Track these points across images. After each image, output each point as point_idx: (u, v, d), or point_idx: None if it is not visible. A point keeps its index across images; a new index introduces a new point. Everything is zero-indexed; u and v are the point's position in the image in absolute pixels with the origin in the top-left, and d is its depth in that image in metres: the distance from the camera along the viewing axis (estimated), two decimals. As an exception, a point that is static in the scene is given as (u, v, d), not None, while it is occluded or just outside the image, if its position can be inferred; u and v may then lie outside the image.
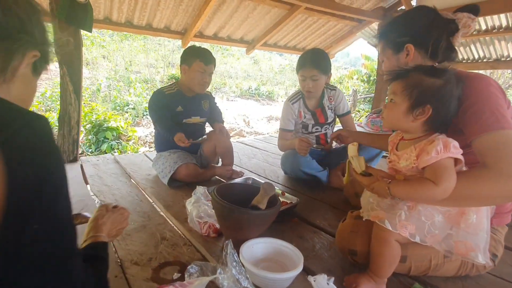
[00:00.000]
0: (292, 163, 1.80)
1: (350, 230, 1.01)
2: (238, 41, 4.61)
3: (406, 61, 1.02)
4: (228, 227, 1.01)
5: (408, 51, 1.00)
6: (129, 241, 1.20)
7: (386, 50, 1.08)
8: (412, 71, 0.88)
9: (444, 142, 0.79)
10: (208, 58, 1.82)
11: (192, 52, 1.86)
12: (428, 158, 0.80)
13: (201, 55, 1.81)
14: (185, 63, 1.84)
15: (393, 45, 1.05)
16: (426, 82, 0.84)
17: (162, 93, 1.86)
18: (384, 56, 1.10)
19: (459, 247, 0.84)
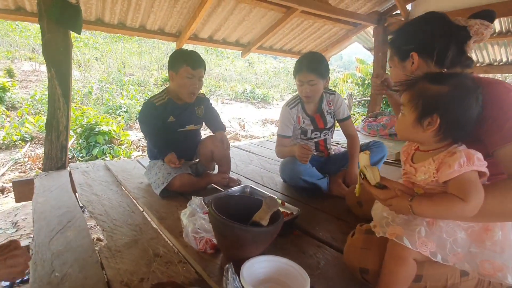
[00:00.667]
0: (291, 171, 1.72)
1: (361, 247, 0.94)
2: (234, 44, 4.55)
3: (411, 69, 0.98)
4: (228, 245, 0.93)
5: (413, 59, 0.96)
6: (119, 259, 1.11)
7: (393, 57, 1.05)
8: (419, 80, 0.83)
9: (467, 154, 0.73)
10: (195, 61, 1.69)
11: (178, 56, 1.73)
12: (450, 172, 0.74)
13: (187, 59, 1.68)
14: (172, 69, 1.72)
15: (399, 52, 1.02)
16: (430, 90, 0.78)
17: (152, 105, 1.74)
18: (391, 63, 1.07)
19: (486, 267, 0.78)
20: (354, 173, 1.80)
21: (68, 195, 1.71)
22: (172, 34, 3.84)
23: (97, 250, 1.17)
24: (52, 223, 1.37)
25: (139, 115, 1.80)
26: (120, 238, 1.25)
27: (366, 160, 0.92)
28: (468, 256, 0.80)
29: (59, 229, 1.32)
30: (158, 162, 1.77)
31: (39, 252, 1.13)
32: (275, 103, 10.65)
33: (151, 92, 7.98)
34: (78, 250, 1.16)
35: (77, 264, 1.07)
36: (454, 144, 0.80)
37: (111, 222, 1.40)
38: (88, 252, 1.14)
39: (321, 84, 1.74)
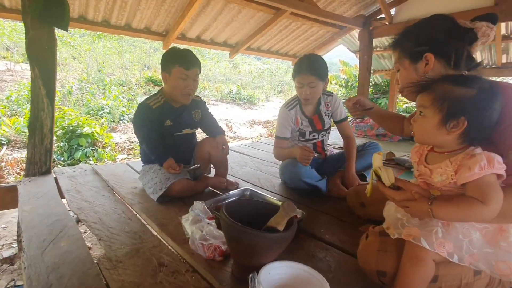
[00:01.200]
0: (292, 173, 1.71)
1: (378, 249, 0.93)
2: (222, 45, 4.50)
3: (425, 70, 0.98)
4: (242, 252, 0.89)
5: (428, 60, 0.97)
6: (122, 270, 1.04)
7: (403, 59, 1.03)
8: (440, 81, 0.83)
9: (488, 157, 0.74)
10: (189, 61, 1.61)
11: (170, 56, 1.65)
12: (470, 174, 0.74)
13: (180, 59, 1.60)
14: (165, 70, 1.64)
15: (410, 54, 1.01)
16: (457, 92, 0.78)
17: (149, 107, 1.66)
18: (400, 66, 1.06)
19: (502, 268, 0.79)
20: (352, 174, 1.82)
21: (56, 202, 1.60)
22: (159, 33, 3.74)
23: (96, 261, 1.09)
24: (43, 233, 1.27)
25: (135, 118, 1.71)
26: (120, 248, 1.18)
27: (379, 161, 0.91)
28: (483, 256, 0.81)
29: (51, 239, 1.23)
30: (154, 166, 1.69)
31: (33, 266, 1.04)
32: (261, 104, 10.66)
33: (135, 93, 7.74)
34: (75, 262, 1.08)
35: (76, 277, 1.00)
36: (471, 147, 0.81)
37: (108, 231, 1.32)
38: (86, 264, 1.07)
39: (321, 86, 1.75)
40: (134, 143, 4.93)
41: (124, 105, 6.62)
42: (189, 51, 1.67)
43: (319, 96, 1.83)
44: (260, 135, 6.53)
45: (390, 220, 0.97)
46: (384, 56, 6.04)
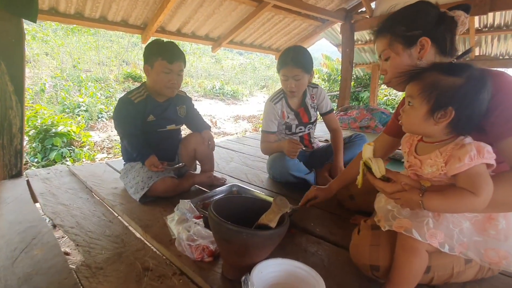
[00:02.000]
0: (281, 167, 1.68)
1: (370, 244, 0.92)
2: (203, 38, 4.38)
3: (419, 56, 0.95)
4: (233, 252, 0.85)
5: (423, 45, 0.93)
6: (102, 277, 0.97)
7: (395, 45, 0.98)
8: (428, 70, 0.80)
9: (477, 148, 0.72)
10: (172, 54, 1.53)
11: (153, 48, 1.56)
12: (460, 165, 0.72)
13: (163, 51, 1.52)
14: (147, 62, 1.56)
15: (403, 39, 0.96)
16: (445, 82, 0.76)
17: (130, 101, 1.57)
18: (392, 52, 0.99)
19: (491, 256, 0.79)
20: (340, 166, 1.81)
21: (29, 207, 1.48)
22: (136, 26, 3.58)
23: (73, 270, 1.01)
24: (14, 241, 1.16)
25: (115, 113, 1.61)
26: (100, 253, 1.10)
27: (370, 152, 0.88)
28: (472, 245, 0.81)
29: (23, 247, 1.12)
30: (135, 164, 1.60)
31: (2, 278, 0.94)
32: (245, 99, 10.57)
33: (113, 89, 7.44)
34: (51, 272, 0.99)
35: (51, 288, 0.92)
36: (460, 136, 0.80)
37: (86, 235, 1.23)
38: (63, 274, 0.98)
39: (306, 79, 1.72)
40: (114, 142, 4.74)
41: (102, 102, 6.33)
42: (173, 44, 1.59)
43: (305, 88, 1.80)
44: (245, 130, 6.48)
45: (381, 212, 0.95)
46: (365, 50, 6.12)
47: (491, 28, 4.56)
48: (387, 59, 1.03)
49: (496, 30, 4.51)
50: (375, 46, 1.08)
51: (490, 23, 4.46)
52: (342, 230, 1.29)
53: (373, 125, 3.83)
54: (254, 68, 14.26)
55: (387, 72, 1.05)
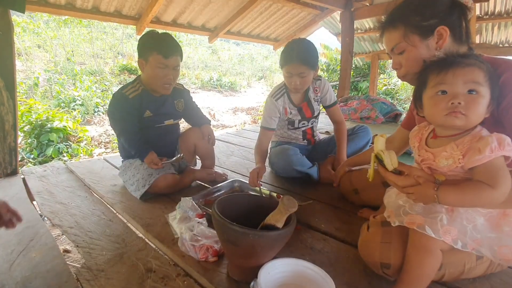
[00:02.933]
0: (284, 162, 1.63)
1: (381, 241, 0.89)
2: (200, 29, 4.28)
3: (437, 46, 0.89)
4: (239, 254, 0.82)
5: (441, 34, 0.88)
6: (104, 280, 0.94)
7: (411, 36, 0.92)
8: (474, 57, 0.76)
9: (498, 139, 0.69)
10: (168, 48, 1.45)
11: (148, 41, 1.48)
12: (480, 157, 0.69)
13: (158, 45, 1.44)
14: (141, 56, 1.49)
15: (419, 29, 0.90)
16: (489, 69, 0.74)
17: (124, 97, 1.50)
18: (408, 45, 0.93)
19: (504, 252, 0.77)
20: (343, 159, 1.77)
21: (26, 207, 1.44)
22: (131, 17, 3.48)
23: (73, 273, 0.98)
24: (10, 243, 1.13)
25: (109, 109, 1.54)
26: (101, 254, 1.07)
27: (382, 144, 0.84)
28: (486, 241, 0.79)
29: (20, 250, 1.09)
30: (134, 161, 1.56)
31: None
32: (243, 91, 10.46)
33: (109, 83, 7.31)
34: (50, 275, 0.96)
35: (51, 293, 0.89)
36: (476, 128, 0.77)
37: (86, 235, 1.20)
38: (62, 277, 0.95)
39: (312, 75, 1.63)
40: (112, 136, 4.67)
41: (98, 96, 6.22)
42: (169, 36, 1.50)
43: (309, 84, 1.73)
44: (244, 122, 6.42)
45: (391, 207, 0.92)
46: (364, 39, 6.01)
47: (491, 16, 4.48)
48: (402, 53, 0.96)
49: (497, 17, 4.43)
50: (383, 40, 1.02)
51: (491, 10, 4.37)
52: (347, 226, 1.27)
53: (373, 116, 3.78)
54: (251, 58, 14.08)
55: (401, 66, 0.99)
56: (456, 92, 0.73)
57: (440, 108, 0.76)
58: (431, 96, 0.79)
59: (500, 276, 0.95)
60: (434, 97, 0.78)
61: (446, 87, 0.75)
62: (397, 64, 0.99)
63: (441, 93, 0.76)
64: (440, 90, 0.76)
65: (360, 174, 1.46)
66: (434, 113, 0.78)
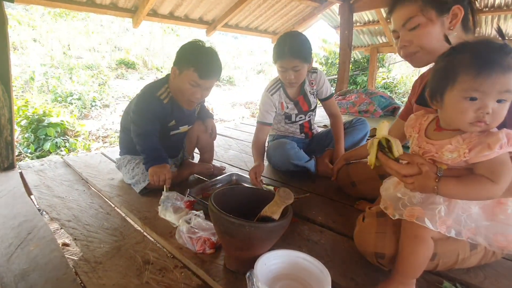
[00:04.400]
0: (282, 156, 1.63)
1: (376, 231, 0.89)
2: (197, 21, 4.23)
3: (450, 25, 0.88)
4: (236, 245, 0.82)
5: (456, 14, 0.86)
6: (102, 272, 0.95)
7: (428, 9, 0.89)
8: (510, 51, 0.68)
9: (507, 135, 0.68)
10: (208, 69, 1.34)
11: (188, 53, 1.36)
12: (489, 153, 0.68)
13: (198, 62, 1.32)
14: (177, 65, 1.37)
15: (436, 4, 0.88)
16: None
17: (159, 100, 1.40)
18: (424, 18, 0.90)
19: (499, 240, 0.78)
20: (341, 153, 1.77)
21: (23, 201, 1.44)
22: (127, 10, 3.43)
23: (71, 265, 0.98)
24: (8, 236, 1.13)
25: (139, 106, 1.41)
26: (99, 247, 1.08)
27: (386, 130, 0.81)
28: (481, 230, 0.79)
29: (18, 243, 1.09)
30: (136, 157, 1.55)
31: (-3, 276, 0.92)
32: (242, 85, 10.41)
33: (106, 77, 7.25)
34: (48, 268, 0.97)
35: (49, 286, 0.89)
36: None
37: (84, 228, 1.20)
38: (61, 269, 0.96)
39: (306, 68, 1.61)
40: (109, 130, 4.65)
41: (95, 90, 6.18)
42: (213, 54, 1.38)
43: (304, 77, 1.71)
44: (243, 116, 6.41)
45: (388, 199, 0.92)
46: (363, 32, 5.97)
47: (491, 8, 4.45)
48: (415, 28, 0.93)
49: (497, 10, 4.40)
50: (393, 15, 0.98)
51: (491, 2, 4.34)
52: (344, 218, 1.28)
53: (372, 110, 3.78)
54: (250, 52, 13.97)
55: (412, 43, 0.96)
56: (487, 102, 0.68)
57: (467, 116, 0.70)
58: (458, 100, 0.71)
59: (494, 266, 0.97)
60: (462, 102, 0.71)
61: (478, 95, 0.68)
62: (407, 41, 0.96)
63: (470, 99, 0.69)
64: (471, 97, 0.69)
65: (358, 167, 1.46)
66: (458, 118, 0.73)
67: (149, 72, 9.55)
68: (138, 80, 8.39)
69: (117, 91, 6.83)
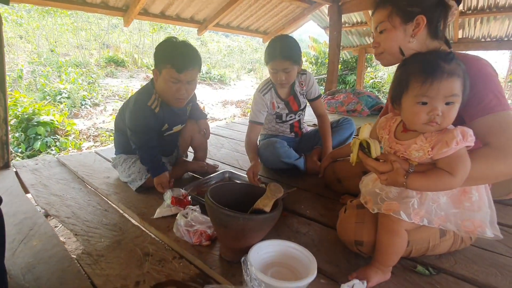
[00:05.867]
0: (272, 154, 1.71)
1: (355, 221, 0.99)
2: (188, 21, 4.26)
3: (412, 33, 0.98)
4: (230, 236, 0.90)
5: (419, 23, 0.96)
6: (105, 264, 1.01)
7: (394, 17, 1.00)
8: (454, 60, 0.78)
9: (462, 132, 0.77)
10: (183, 61, 1.34)
11: (163, 52, 1.37)
12: (447, 150, 0.77)
13: (172, 57, 1.33)
14: (156, 66, 1.40)
15: (402, 13, 0.98)
16: (466, 74, 0.79)
17: (151, 111, 1.43)
18: (389, 24, 1.01)
19: (467, 225, 0.88)
20: (329, 151, 1.86)
21: (22, 199, 1.48)
22: (118, 8, 3.44)
23: (75, 258, 1.04)
24: (11, 233, 1.18)
25: (132, 121, 1.45)
26: (99, 241, 1.14)
27: (368, 132, 0.91)
28: (450, 217, 0.89)
29: (21, 239, 1.14)
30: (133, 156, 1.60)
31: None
32: (233, 84, 10.44)
33: (95, 75, 7.17)
34: (52, 261, 1.02)
35: (55, 277, 0.95)
36: None
37: (83, 224, 1.26)
38: (64, 262, 1.01)
39: (296, 70, 1.70)
40: (100, 129, 4.64)
41: (85, 88, 6.12)
42: (186, 46, 1.39)
43: (294, 79, 1.80)
44: (234, 115, 6.46)
45: (368, 194, 1.01)
46: (352, 32, 6.11)
47: (474, 11, 4.64)
48: (382, 31, 1.04)
49: (479, 12, 4.59)
50: (372, 18, 1.09)
51: (474, 5, 4.53)
52: (330, 212, 1.37)
53: (359, 109, 3.91)
54: (241, 51, 14.00)
55: (379, 44, 1.07)
56: (436, 105, 0.77)
57: (420, 118, 0.80)
58: (411, 105, 0.81)
59: (464, 253, 1.07)
60: (415, 107, 0.81)
61: (427, 100, 0.78)
62: (376, 42, 1.08)
63: (422, 104, 0.79)
64: (421, 102, 0.79)
65: (343, 164, 1.56)
66: (413, 120, 0.83)
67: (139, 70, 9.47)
68: (127, 78, 8.32)
69: (107, 89, 6.77)
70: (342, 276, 0.94)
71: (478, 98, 0.85)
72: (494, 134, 0.84)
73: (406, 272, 0.97)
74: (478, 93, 0.85)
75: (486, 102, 0.84)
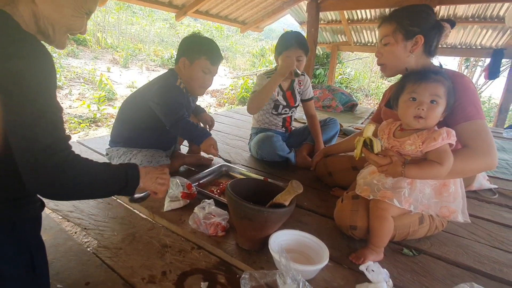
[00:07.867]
0: (269, 148, 1.83)
1: (351, 209, 1.17)
2: (166, 5, 4.13)
3: (411, 49, 1.16)
4: (254, 228, 0.99)
5: (417, 41, 1.14)
6: (125, 256, 1.04)
7: (397, 33, 1.17)
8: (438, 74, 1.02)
9: (447, 131, 0.98)
10: (217, 56, 1.55)
11: (197, 45, 1.53)
12: (435, 143, 0.97)
13: (209, 51, 1.52)
14: (186, 56, 1.52)
15: (405, 31, 1.15)
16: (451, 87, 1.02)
17: (182, 91, 1.54)
18: (393, 39, 1.18)
19: (444, 211, 1.09)
20: (320, 147, 2.02)
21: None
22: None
23: (92, 252, 1.06)
24: (14, 229, 1.13)
25: (167, 96, 1.47)
26: (113, 235, 1.15)
27: (371, 131, 1.07)
28: (431, 205, 1.10)
29: (27, 234, 1.11)
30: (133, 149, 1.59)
31: (22, 265, 0.95)
32: (205, 71, 10.20)
33: (56, 54, 6.55)
34: (69, 255, 1.03)
35: (77, 271, 0.96)
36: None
37: (90, 218, 1.25)
38: (83, 256, 1.03)
39: (304, 62, 1.87)
40: (68, 115, 4.33)
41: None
42: (216, 44, 1.59)
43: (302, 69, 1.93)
44: (209, 104, 6.40)
45: (365, 185, 1.18)
46: (326, 29, 6.34)
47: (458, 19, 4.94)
48: (386, 44, 1.22)
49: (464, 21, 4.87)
50: (378, 30, 1.26)
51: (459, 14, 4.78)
52: (324, 202, 1.53)
53: (334, 105, 4.15)
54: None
55: (382, 55, 1.25)
56: (422, 101, 1.00)
57: (410, 111, 1.02)
58: (404, 100, 1.05)
59: (437, 237, 1.29)
60: (407, 102, 1.04)
61: (416, 96, 1.01)
62: (380, 53, 1.26)
63: (412, 99, 1.02)
64: (412, 97, 1.02)
65: (334, 159, 1.72)
66: (405, 114, 1.05)
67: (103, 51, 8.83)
68: (92, 59, 7.74)
69: (70, 71, 6.25)
70: (345, 258, 1.09)
71: (461, 107, 1.06)
72: (472, 138, 1.05)
73: (395, 254, 1.16)
74: (462, 103, 1.05)
75: (467, 111, 1.05)
